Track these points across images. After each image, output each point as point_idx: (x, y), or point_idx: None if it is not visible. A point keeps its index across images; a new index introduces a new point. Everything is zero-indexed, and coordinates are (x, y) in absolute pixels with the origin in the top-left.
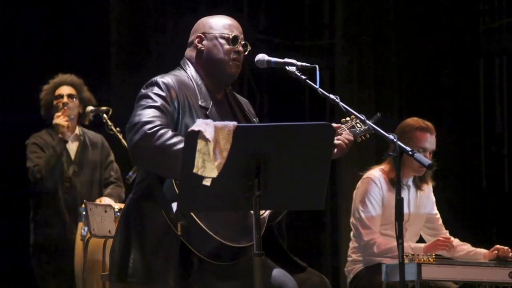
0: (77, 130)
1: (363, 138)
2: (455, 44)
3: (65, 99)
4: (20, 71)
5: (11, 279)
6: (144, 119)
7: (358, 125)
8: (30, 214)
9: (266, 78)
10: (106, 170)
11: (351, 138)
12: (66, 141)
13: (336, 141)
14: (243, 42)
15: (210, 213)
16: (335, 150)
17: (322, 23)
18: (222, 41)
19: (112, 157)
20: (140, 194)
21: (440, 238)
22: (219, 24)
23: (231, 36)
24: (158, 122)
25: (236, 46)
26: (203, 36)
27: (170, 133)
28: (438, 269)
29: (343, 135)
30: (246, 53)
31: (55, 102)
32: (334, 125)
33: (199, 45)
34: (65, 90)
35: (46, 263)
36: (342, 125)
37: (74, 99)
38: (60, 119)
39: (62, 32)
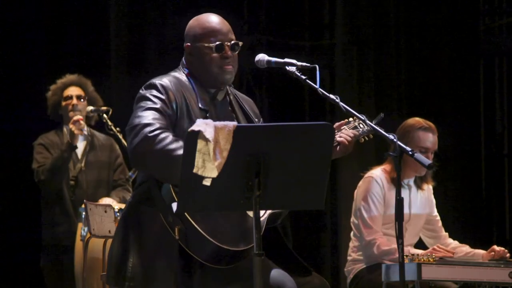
0: (85, 131)
1: (366, 138)
2: (455, 44)
3: (74, 101)
4: (19, 72)
5: (21, 278)
6: (144, 121)
7: (361, 125)
8: (40, 214)
9: (266, 78)
10: (116, 172)
11: (352, 135)
12: (75, 147)
13: (338, 138)
14: (231, 43)
15: (208, 217)
16: (337, 148)
17: (322, 23)
18: (208, 51)
19: (121, 159)
20: (138, 198)
21: (436, 248)
22: (203, 32)
23: (214, 46)
24: (158, 125)
25: (223, 52)
26: (191, 46)
27: (171, 137)
28: (438, 269)
29: (345, 132)
30: (238, 51)
31: (63, 103)
32: (337, 123)
33: (189, 56)
34: (73, 91)
35: (54, 262)
36: (345, 126)
37: (82, 100)
38: (74, 128)
39: (62, 32)
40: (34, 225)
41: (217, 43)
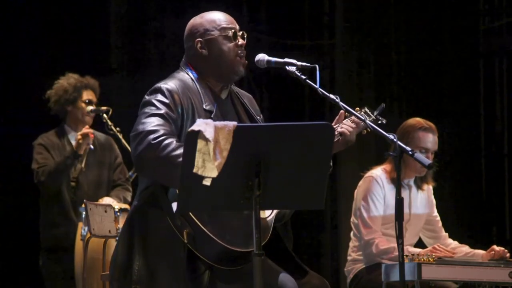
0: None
1: (369, 130)
2: (455, 44)
3: (95, 107)
4: (19, 72)
5: (20, 280)
6: (148, 128)
7: (363, 116)
8: (39, 215)
9: (266, 78)
10: (115, 172)
11: (354, 125)
12: (80, 155)
13: (339, 129)
14: (241, 33)
15: (215, 219)
16: (339, 138)
17: (322, 23)
18: (224, 41)
19: (120, 159)
20: (144, 202)
21: (436, 247)
22: (215, 24)
23: (231, 33)
24: (162, 131)
25: (237, 41)
26: (203, 40)
27: (174, 143)
28: (438, 269)
29: (346, 123)
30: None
31: (83, 105)
32: (338, 116)
33: (202, 51)
34: (93, 96)
35: (54, 263)
36: (347, 118)
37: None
38: (83, 141)
39: (62, 32)
40: (33, 226)
41: (232, 30)
